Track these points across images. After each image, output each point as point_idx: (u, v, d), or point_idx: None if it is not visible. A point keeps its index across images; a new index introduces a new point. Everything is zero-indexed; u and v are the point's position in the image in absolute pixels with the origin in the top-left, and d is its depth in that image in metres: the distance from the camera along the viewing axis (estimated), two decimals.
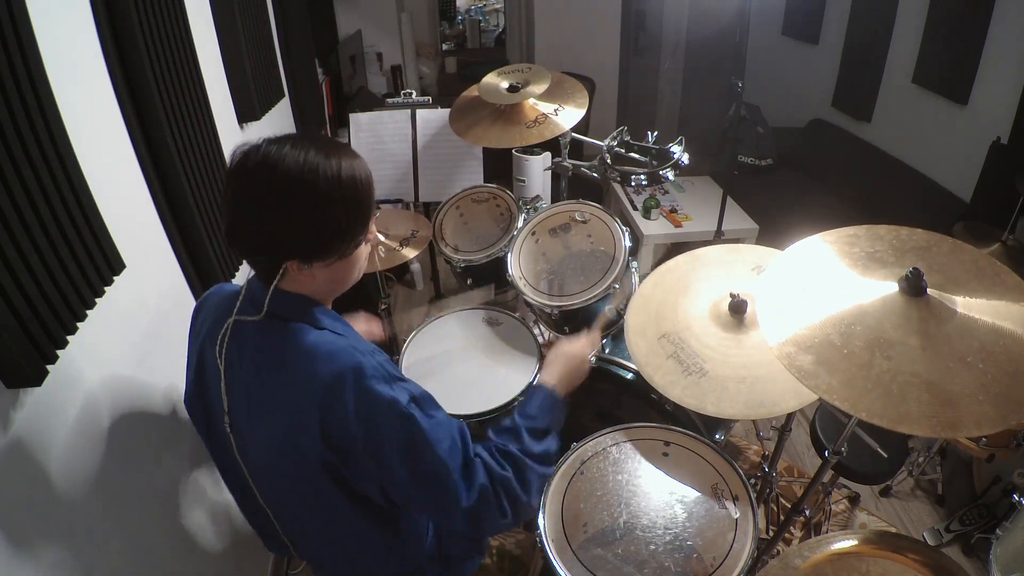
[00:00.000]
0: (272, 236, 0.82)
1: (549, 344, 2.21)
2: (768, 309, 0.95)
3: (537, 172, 2.52)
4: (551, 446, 1.00)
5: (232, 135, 1.93)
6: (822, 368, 0.85)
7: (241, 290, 0.94)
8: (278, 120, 2.50)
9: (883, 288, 0.93)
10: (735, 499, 1.17)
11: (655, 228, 3.02)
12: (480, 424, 1.54)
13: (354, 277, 0.95)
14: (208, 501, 1.45)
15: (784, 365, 0.87)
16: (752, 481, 1.57)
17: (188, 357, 1.05)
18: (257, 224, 0.81)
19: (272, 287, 0.87)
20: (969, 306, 0.90)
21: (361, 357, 0.85)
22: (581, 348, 1.17)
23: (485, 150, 2.31)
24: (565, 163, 1.94)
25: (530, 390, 1.08)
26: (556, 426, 1.03)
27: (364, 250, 0.93)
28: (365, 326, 1.39)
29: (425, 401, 0.89)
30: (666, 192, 3.32)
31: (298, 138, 0.83)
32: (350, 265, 0.91)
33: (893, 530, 1.97)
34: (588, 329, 1.26)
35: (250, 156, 0.81)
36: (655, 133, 1.82)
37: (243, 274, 1.71)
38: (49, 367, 0.87)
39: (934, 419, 0.79)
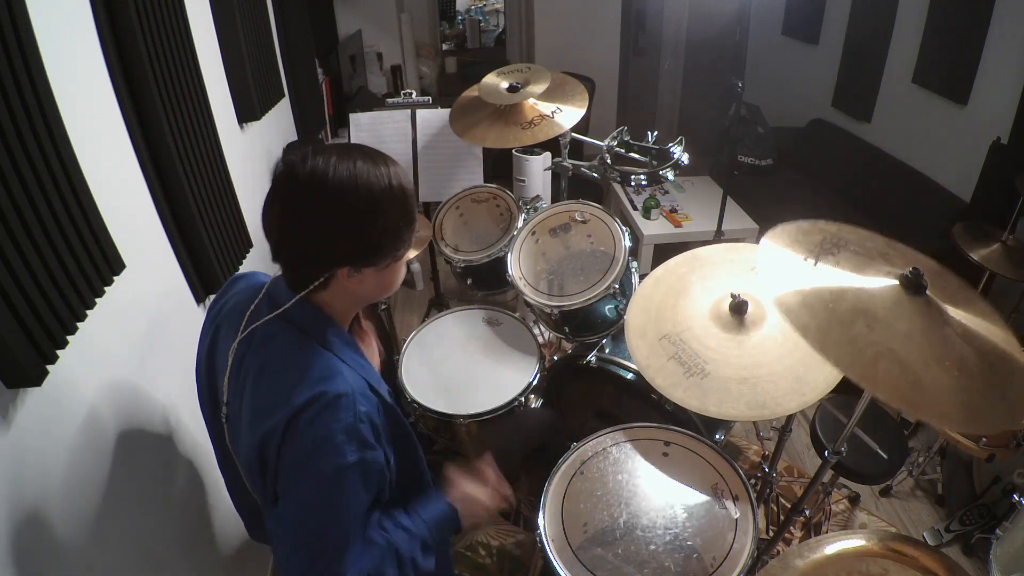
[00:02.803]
0: (326, 245, 0.83)
1: (548, 344, 2.21)
2: (776, 251, 1.00)
3: (537, 172, 2.52)
4: (432, 563, 0.96)
5: (232, 135, 1.93)
6: (805, 310, 0.89)
7: (264, 288, 0.94)
8: (278, 120, 2.49)
9: (885, 281, 0.95)
10: (735, 499, 1.17)
11: (655, 228, 3.02)
12: (480, 425, 1.54)
13: (399, 281, 0.95)
14: (209, 500, 1.45)
15: (774, 299, 0.92)
16: (752, 481, 1.57)
17: (204, 326, 1.05)
18: (311, 235, 0.82)
19: (301, 295, 0.87)
20: (965, 319, 0.91)
21: (347, 398, 0.82)
22: (492, 501, 1.08)
23: (485, 150, 2.31)
24: (565, 163, 1.94)
25: (444, 506, 1.01)
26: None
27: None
28: None
29: (371, 477, 0.85)
30: (666, 192, 3.32)
31: (343, 148, 0.84)
32: (398, 269, 0.92)
33: (893, 530, 1.97)
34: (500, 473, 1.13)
35: (297, 168, 0.81)
36: (655, 133, 1.82)
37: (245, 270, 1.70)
38: (49, 367, 0.87)
39: (896, 391, 0.82)
